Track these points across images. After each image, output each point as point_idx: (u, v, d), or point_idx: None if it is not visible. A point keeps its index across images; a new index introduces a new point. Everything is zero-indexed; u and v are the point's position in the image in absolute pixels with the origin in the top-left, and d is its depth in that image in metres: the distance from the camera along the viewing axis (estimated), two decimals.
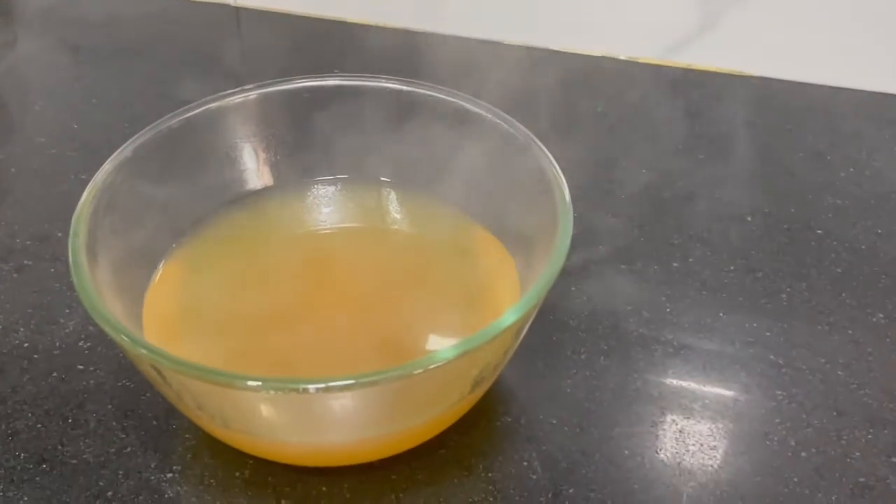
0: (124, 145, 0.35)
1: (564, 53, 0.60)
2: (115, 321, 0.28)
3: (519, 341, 0.32)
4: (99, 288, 0.30)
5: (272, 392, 0.26)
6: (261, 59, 0.62)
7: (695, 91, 0.57)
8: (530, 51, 0.61)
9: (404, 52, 0.60)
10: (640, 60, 0.59)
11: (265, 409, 0.29)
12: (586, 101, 0.55)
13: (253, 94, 0.38)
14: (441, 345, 0.34)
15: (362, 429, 0.31)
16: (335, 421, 0.30)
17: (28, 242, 0.44)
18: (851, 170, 0.49)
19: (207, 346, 0.34)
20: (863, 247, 0.44)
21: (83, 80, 0.58)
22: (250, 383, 0.26)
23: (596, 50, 0.60)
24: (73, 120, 0.54)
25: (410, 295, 0.37)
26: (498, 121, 0.36)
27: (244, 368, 0.33)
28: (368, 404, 0.29)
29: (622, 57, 0.60)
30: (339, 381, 0.26)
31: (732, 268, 0.43)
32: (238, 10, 0.66)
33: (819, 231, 0.45)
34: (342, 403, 0.29)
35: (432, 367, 0.27)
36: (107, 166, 0.34)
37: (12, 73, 0.60)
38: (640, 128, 0.53)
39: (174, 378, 0.28)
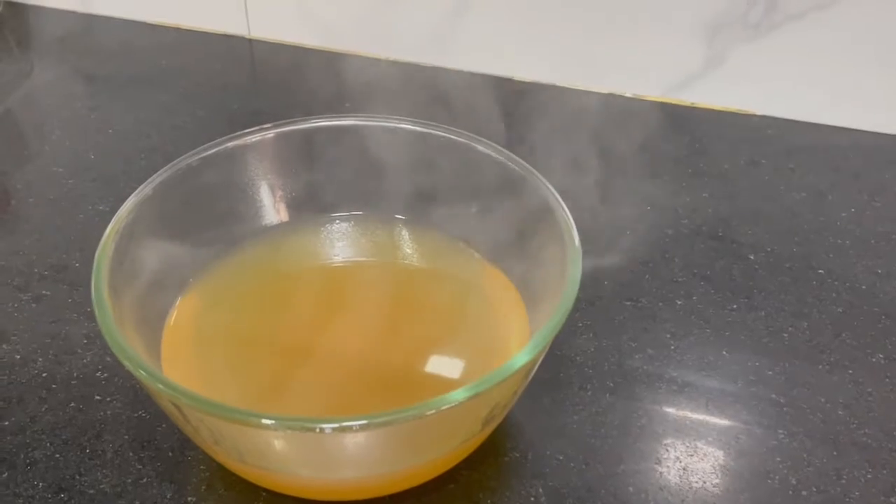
0: (145, 183, 0.36)
1: (571, 90, 0.62)
2: (137, 358, 0.29)
3: (528, 381, 0.33)
4: (120, 323, 0.31)
5: (288, 430, 0.27)
6: (274, 91, 0.63)
7: (699, 129, 0.58)
8: (538, 87, 0.62)
9: (414, 85, 0.61)
10: (646, 98, 0.61)
11: (280, 446, 0.30)
12: (592, 137, 0.56)
13: (270, 133, 0.39)
14: (451, 381, 0.35)
15: (374, 465, 0.31)
16: (348, 458, 0.31)
17: (46, 272, 0.45)
18: (852, 210, 0.50)
19: (224, 379, 0.35)
20: (863, 287, 0.45)
21: (99, 110, 0.59)
22: (267, 422, 0.27)
23: (603, 87, 0.61)
24: (90, 150, 0.55)
25: (421, 330, 0.37)
26: (509, 163, 0.37)
27: (260, 401, 0.34)
28: (381, 443, 0.30)
29: (628, 94, 0.61)
30: (353, 420, 0.27)
31: (735, 306, 0.44)
32: (252, 42, 0.68)
33: (820, 270, 0.46)
34: (355, 441, 0.29)
35: (444, 407, 0.27)
36: (128, 204, 0.35)
37: (29, 102, 0.61)
38: (645, 164, 0.54)
39: (192, 414, 0.29)
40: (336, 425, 0.27)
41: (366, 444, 0.30)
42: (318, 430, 0.27)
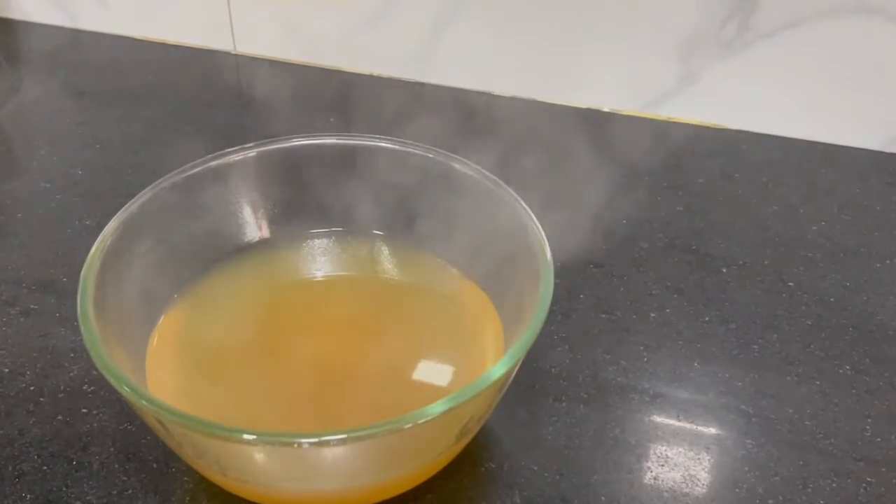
0: (130, 202, 0.37)
1: (550, 105, 0.63)
2: (121, 374, 0.30)
3: (502, 394, 0.34)
4: (105, 340, 0.32)
5: (268, 445, 0.28)
6: (258, 105, 0.64)
7: (674, 143, 0.59)
8: (518, 101, 0.63)
9: (398, 100, 0.62)
10: (623, 112, 0.62)
11: (261, 460, 0.31)
12: (569, 151, 0.57)
13: (252, 153, 0.40)
14: (428, 394, 0.36)
15: (353, 478, 0.32)
16: (327, 470, 0.31)
17: (34, 287, 0.46)
18: (823, 223, 0.52)
19: (207, 392, 0.36)
20: (832, 299, 0.46)
21: (87, 126, 0.60)
22: (247, 437, 0.28)
23: (581, 102, 0.62)
24: (77, 166, 0.55)
25: (400, 344, 0.38)
26: (484, 181, 0.38)
27: (241, 414, 0.35)
28: (359, 456, 0.31)
29: (605, 109, 0.62)
30: (331, 435, 0.28)
31: (707, 318, 0.45)
32: (237, 57, 0.69)
33: (791, 283, 0.47)
34: (334, 455, 0.30)
35: (422, 421, 0.28)
36: (113, 223, 0.36)
37: (17, 117, 0.62)
38: (621, 178, 0.55)
39: (175, 429, 0.30)
40: (315, 440, 0.28)
41: (344, 457, 0.31)
42: (296, 444, 0.28)
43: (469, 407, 0.30)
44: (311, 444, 0.28)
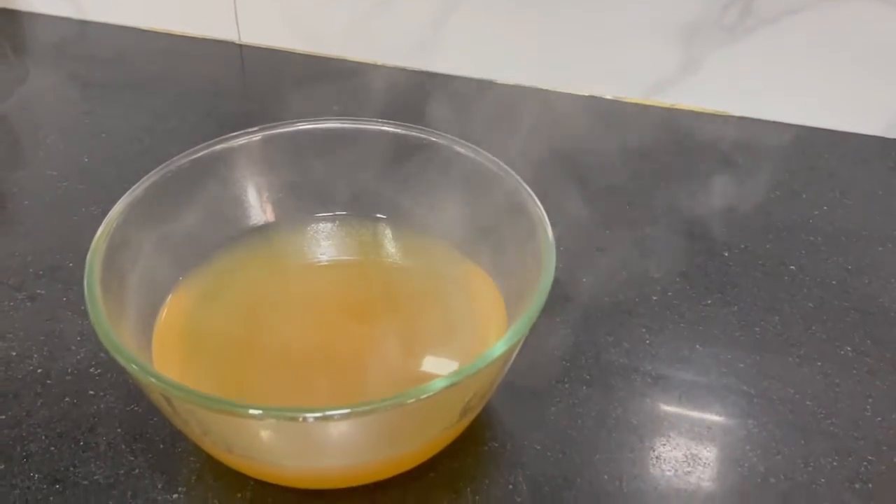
0: (136, 185, 0.37)
1: (554, 93, 0.63)
2: (128, 353, 0.30)
3: (505, 372, 0.34)
4: (112, 320, 0.32)
5: (273, 420, 0.28)
6: (263, 95, 0.64)
7: (677, 129, 0.59)
8: (521, 90, 0.63)
9: (401, 89, 0.63)
10: (626, 100, 0.62)
11: (266, 436, 0.31)
12: (574, 138, 0.57)
13: (257, 136, 0.41)
14: (432, 371, 0.36)
15: (357, 454, 0.33)
16: (332, 446, 0.32)
17: (41, 272, 0.46)
18: (825, 208, 0.52)
19: (212, 373, 0.36)
20: (833, 282, 0.46)
21: (93, 115, 0.60)
22: (253, 412, 0.28)
23: (584, 90, 0.63)
24: (84, 154, 0.56)
25: (404, 325, 0.39)
26: (486, 163, 0.39)
27: (246, 394, 0.35)
28: (363, 431, 0.31)
29: (608, 97, 0.62)
30: (335, 410, 0.28)
31: (709, 301, 0.45)
32: (242, 48, 0.69)
33: (792, 267, 0.47)
34: (338, 430, 0.31)
35: (424, 397, 0.29)
36: (119, 205, 0.36)
37: (24, 107, 0.62)
38: (625, 165, 0.55)
39: (181, 406, 0.30)
40: (319, 414, 0.28)
41: (348, 432, 0.31)
42: (301, 419, 0.28)
43: (471, 383, 0.31)
44: (315, 418, 0.28)
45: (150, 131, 0.59)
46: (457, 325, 0.38)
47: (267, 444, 0.32)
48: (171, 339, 0.37)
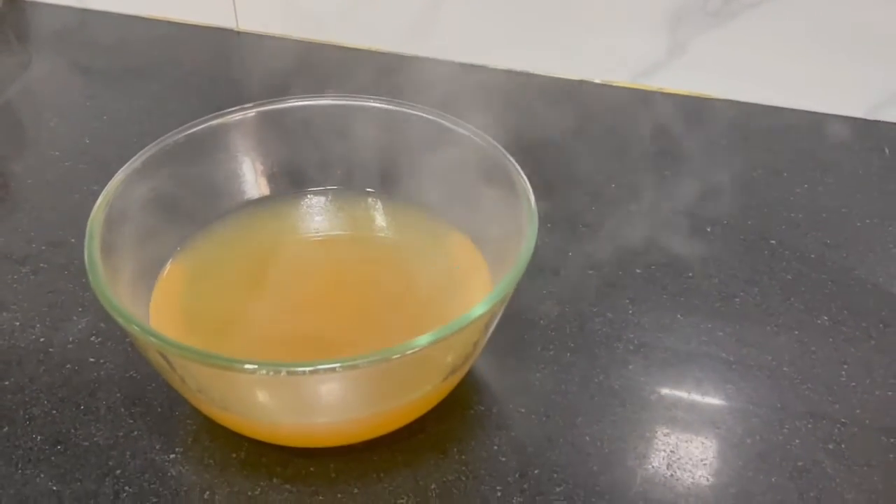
0: (134, 157, 0.39)
1: (544, 77, 0.64)
2: (126, 313, 0.32)
3: (488, 335, 0.35)
4: (111, 283, 0.33)
5: (265, 373, 0.30)
6: (260, 81, 0.65)
7: (664, 112, 0.60)
8: (512, 74, 0.65)
9: (394, 73, 0.64)
10: (615, 84, 0.63)
11: (259, 391, 0.33)
12: (564, 120, 0.58)
13: (252, 112, 0.42)
14: (417, 332, 0.38)
15: (347, 410, 0.34)
16: (322, 402, 0.33)
17: (43, 247, 0.47)
18: (806, 186, 0.53)
19: (207, 340, 0.38)
20: (812, 256, 0.48)
21: (94, 100, 0.62)
22: (246, 366, 0.30)
23: (574, 74, 0.64)
24: (85, 136, 0.57)
25: (394, 293, 0.40)
26: (474, 137, 0.40)
27: (241, 355, 0.37)
28: (352, 387, 0.32)
29: (597, 80, 0.64)
30: (325, 363, 0.29)
31: (691, 274, 0.46)
32: (240, 34, 0.70)
33: (773, 241, 0.49)
34: (328, 386, 0.32)
35: (409, 352, 0.30)
36: (118, 176, 0.38)
37: (28, 92, 0.64)
38: (612, 145, 0.57)
39: (178, 363, 0.32)
40: (309, 368, 0.30)
41: (337, 388, 0.32)
42: (291, 372, 0.30)
43: (454, 342, 0.32)
44: (305, 372, 0.30)
45: (149, 115, 0.60)
46: (443, 291, 0.40)
47: (260, 400, 0.33)
48: (169, 305, 0.39)
